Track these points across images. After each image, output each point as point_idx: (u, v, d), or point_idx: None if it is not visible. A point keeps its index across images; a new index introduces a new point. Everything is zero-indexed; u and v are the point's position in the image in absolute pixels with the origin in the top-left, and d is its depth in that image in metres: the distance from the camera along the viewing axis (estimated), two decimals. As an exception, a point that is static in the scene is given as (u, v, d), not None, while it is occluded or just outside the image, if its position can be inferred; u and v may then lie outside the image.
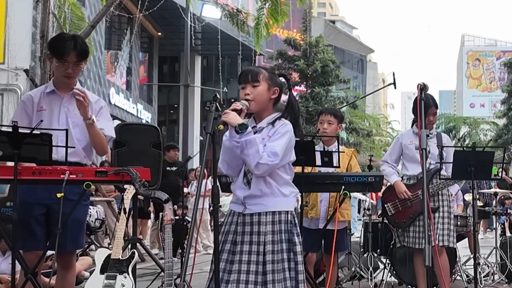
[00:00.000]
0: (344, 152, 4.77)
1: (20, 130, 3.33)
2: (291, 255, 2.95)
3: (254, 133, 2.98)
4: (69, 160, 3.48)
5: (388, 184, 5.29)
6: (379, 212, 11.60)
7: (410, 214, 4.99)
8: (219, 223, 3.06)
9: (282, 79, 3.17)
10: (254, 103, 3.00)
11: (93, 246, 7.86)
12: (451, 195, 5.29)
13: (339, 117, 4.88)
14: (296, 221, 3.03)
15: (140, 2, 10.22)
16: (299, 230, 3.03)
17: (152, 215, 10.34)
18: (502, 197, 10.52)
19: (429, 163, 4.94)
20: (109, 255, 4.35)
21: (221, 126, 2.80)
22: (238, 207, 3.00)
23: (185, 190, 10.16)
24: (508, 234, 8.22)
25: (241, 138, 2.83)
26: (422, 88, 3.45)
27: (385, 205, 5.19)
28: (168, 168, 8.52)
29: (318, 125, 4.89)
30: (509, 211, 8.54)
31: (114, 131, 3.85)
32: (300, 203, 4.48)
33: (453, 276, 6.23)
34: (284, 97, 3.19)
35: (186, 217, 8.36)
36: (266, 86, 3.03)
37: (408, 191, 5.00)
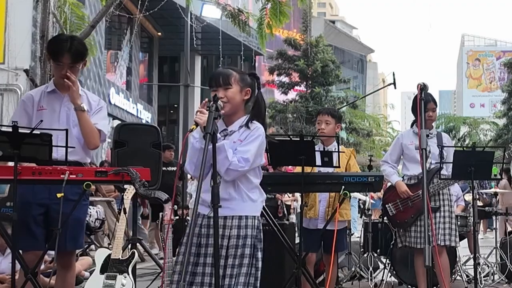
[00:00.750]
0: (344, 152, 4.77)
1: (20, 130, 3.33)
2: (253, 260, 2.92)
3: (225, 136, 2.97)
4: (68, 159, 3.48)
5: (389, 184, 5.29)
6: (377, 213, 11.61)
7: (411, 214, 4.99)
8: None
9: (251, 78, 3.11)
10: (229, 105, 2.97)
11: (93, 246, 7.86)
12: (452, 194, 5.28)
13: (337, 116, 4.87)
14: (261, 227, 3.01)
15: (140, 2, 10.21)
16: (262, 236, 3.00)
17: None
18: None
19: (430, 163, 4.94)
20: (109, 255, 4.35)
21: (194, 126, 2.80)
22: (204, 209, 2.95)
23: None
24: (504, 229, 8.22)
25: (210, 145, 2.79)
26: (422, 88, 3.45)
27: (386, 206, 5.18)
28: (164, 168, 8.51)
29: (316, 125, 4.89)
30: (509, 211, 8.51)
31: (107, 129, 3.87)
32: (300, 203, 4.48)
33: (453, 276, 6.24)
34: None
35: (187, 217, 8.36)
36: (238, 88, 3.00)
37: (409, 191, 5.00)
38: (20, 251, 3.52)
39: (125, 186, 4.26)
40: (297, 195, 14.21)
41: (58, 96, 3.65)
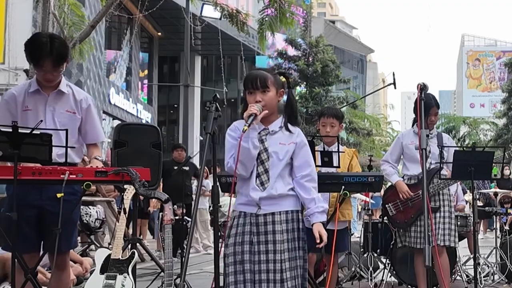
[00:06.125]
0: (344, 152, 4.77)
1: (20, 130, 3.31)
2: (301, 252, 3.05)
3: (266, 134, 3.04)
4: (58, 160, 3.46)
5: (389, 184, 5.28)
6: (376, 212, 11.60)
7: (411, 214, 4.99)
8: (219, 223, 3.07)
9: (282, 78, 3.19)
10: (266, 108, 3.02)
11: (93, 246, 7.85)
12: (452, 195, 5.28)
13: (341, 117, 4.87)
14: (304, 220, 3.13)
15: (140, 2, 10.22)
16: (305, 227, 3.12)
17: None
18: (502, 200, 10.50)
19: (430, 163, 4.94)
20: (109, 255, 4.34)
21: (245, 128, 2.85)
22: (251, 208, 3.02)
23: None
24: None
25: (317, 208, 3.05)
26: (422, 88, 3.46)
27: (386, 206, 5.18)
28: (175, 168, 8.50)
29: (320, 126, 4.86)
30: (509, 211, 8.52)
31: (103, 132, 3.89)
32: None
33: (453, 276, 6.23)
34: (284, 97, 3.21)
35: (185, 217, 8.35)
36: (275, 90, 3.07)
37: (410, 191, 4.99)
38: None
39: (125, 186, 4.25)
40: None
41: (42, 97, 3.57)
